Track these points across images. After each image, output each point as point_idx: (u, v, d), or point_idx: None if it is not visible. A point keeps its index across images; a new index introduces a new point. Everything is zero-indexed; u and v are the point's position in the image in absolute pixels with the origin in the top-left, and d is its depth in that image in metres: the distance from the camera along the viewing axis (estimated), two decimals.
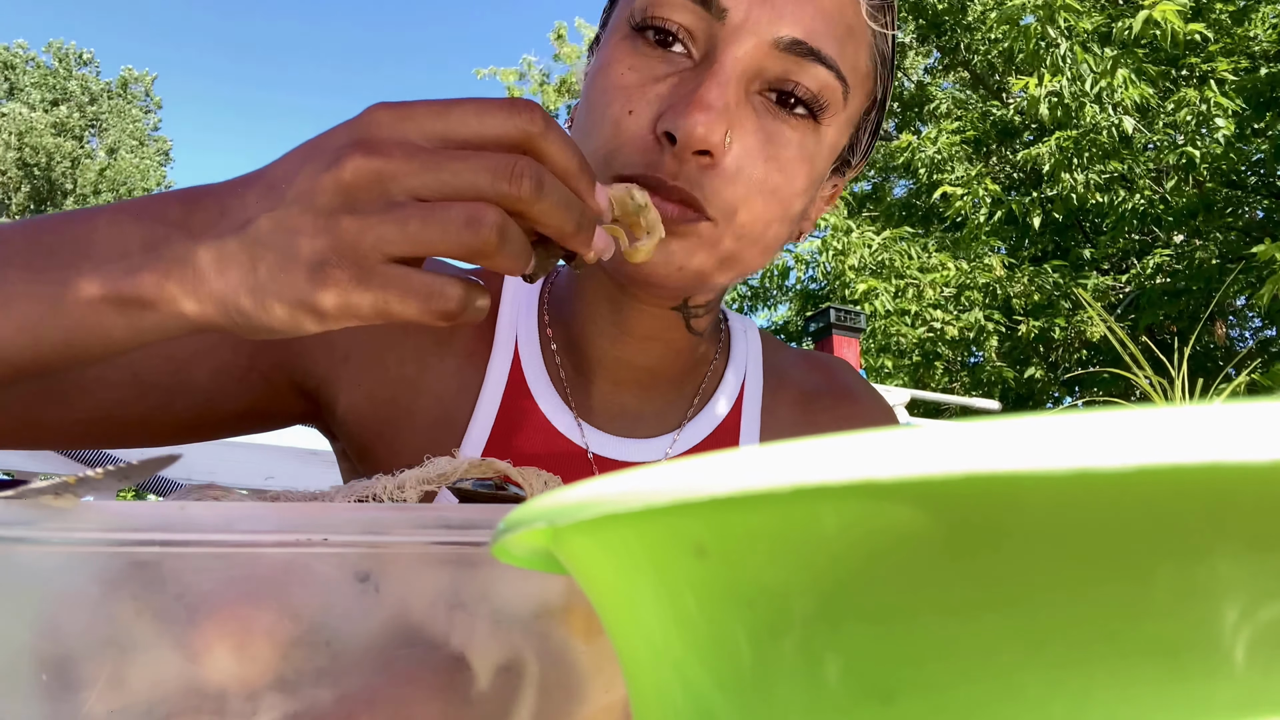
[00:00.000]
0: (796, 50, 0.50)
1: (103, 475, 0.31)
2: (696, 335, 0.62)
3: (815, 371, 0.72)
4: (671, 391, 0.64)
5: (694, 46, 0.51)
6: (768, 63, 0.50)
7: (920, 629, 0.14)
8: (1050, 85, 5.74)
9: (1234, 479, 0.11)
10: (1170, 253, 6.61)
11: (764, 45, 0.49)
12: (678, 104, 0.49)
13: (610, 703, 0.35)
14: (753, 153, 0.51)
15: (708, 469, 0.14)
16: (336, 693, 0.32)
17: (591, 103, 0.53)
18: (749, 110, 0.51)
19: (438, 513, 0.33)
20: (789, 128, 0.52)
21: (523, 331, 0.63)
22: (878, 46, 0.55)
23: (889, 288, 6.47)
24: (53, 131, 17.46)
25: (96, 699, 0.30)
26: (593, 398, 0.62)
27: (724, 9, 0.49)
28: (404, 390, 0.60)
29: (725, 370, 0.67)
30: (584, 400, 0.62)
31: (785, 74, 0.50)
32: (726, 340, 0.69)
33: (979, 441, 0.12)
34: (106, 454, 1.81)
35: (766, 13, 0.49)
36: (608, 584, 0.19)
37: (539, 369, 0.62)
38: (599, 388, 0.62)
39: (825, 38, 0.50)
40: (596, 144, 0.52)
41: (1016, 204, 6.67)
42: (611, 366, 0.62)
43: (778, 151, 0.51)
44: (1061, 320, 6.70)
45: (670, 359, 0.63)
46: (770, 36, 0.49)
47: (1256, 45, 6.15)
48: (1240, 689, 0.12)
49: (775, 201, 0.52)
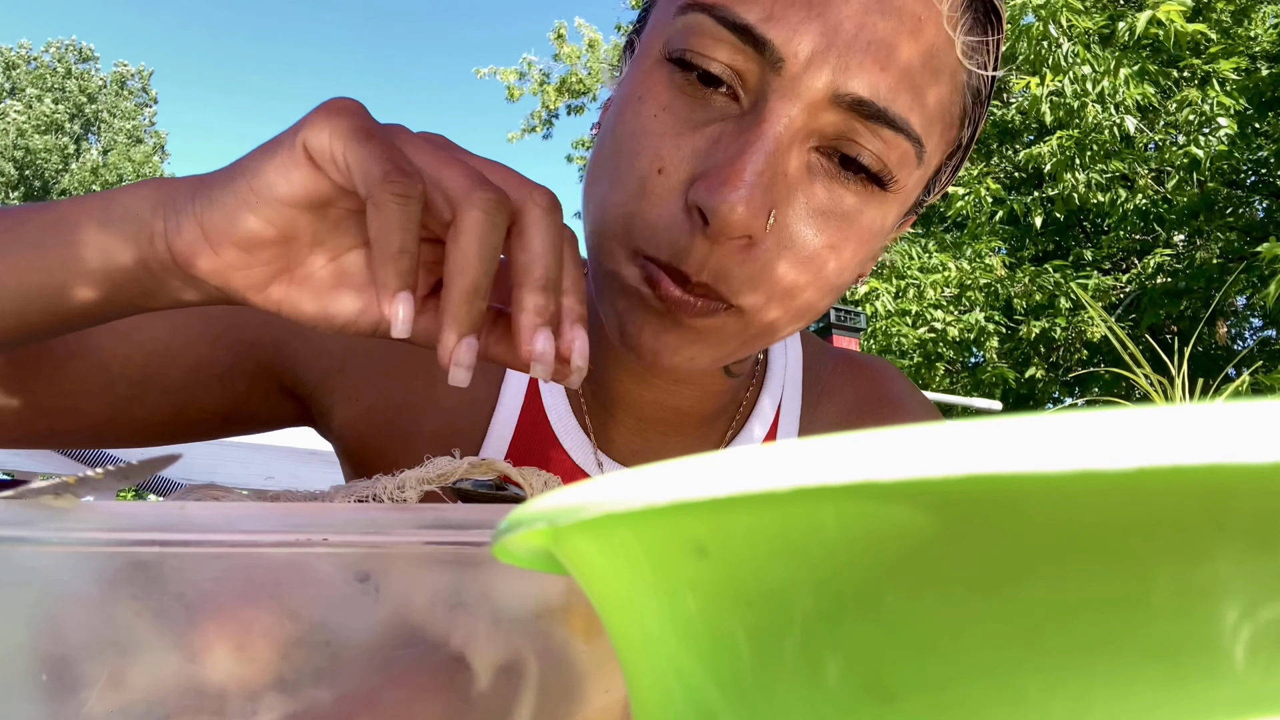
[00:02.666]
0: (862, 111, 0.41)
1: (103, 475, 0.31)
2: (733, 377, 0.56)
3: (859, 379, 0.65)
4: (702, 429, 0.58)
5: (743, 91, 0.42)
6: (827, 119, 0.42)
7: (920, 629, 0.14)
8: (1052, 84, 5.74)
9: (1234, 479, 0.11)
10: (1171, 253, 6.61)
11: (824, 103, 0.41)
12: (716, 172, 0.41)
13: (610, 703, 0.35)
14: (802, 228, 0.43)
15: (708, 469, 0.14)
16: (336, 693, 0.32)
17: (618, 144, 0.45)
18: (799, 180, 0.42)
19: (438, 513, 0.33)
20: (850, 194, 0.43)
21: None
22: (971, 86, 0.46)
23: (890, 288, 6.47)
24: (51, 130, 17.48)
25: (96, 699, 0.30)
26: (613, 431, 0.57)
27: (780, 59, 0.40)
28: (410, 407, 0.57)
29: (760, 397, 0.60)
30: (604, 433, 0.57)
31: (848, 134, 0.42)
32: (764, 361, 0.62)
33: (979, 442, 0.12)
34: (106, 454, 1.81)
35: (831, 63, 0.40)
36: (608, 584, 0.19)
37: (558, 396, 0.57)
38: (621, 423, 0.57)
39: (901, 92, 0.41)
40: (618, 199, 0.44)
41: (1018, 203, 6.67)
42: (637, 405, 0.56)
43: (832, 225, 0.43)
44: (1062, 320, 6.70)
45: (703, 401, 0.57)
46: (831, 92, 0.41)
47: (1257, 45, 6.15)
48: (1240, 689, 0.12)
49: (820, 279, 0.45)
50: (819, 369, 0.64)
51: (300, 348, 0.56)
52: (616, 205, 0.44)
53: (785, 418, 0.61)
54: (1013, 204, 6.68)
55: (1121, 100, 5.72)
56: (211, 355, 0.53)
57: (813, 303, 0.46)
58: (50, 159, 17.36)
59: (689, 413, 0.57)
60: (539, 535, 0.20)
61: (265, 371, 0.55)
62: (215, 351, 0.53)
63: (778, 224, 0.42)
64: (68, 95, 18.21)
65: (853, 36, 0.40)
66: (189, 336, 0.52)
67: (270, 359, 0.55)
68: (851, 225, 0.44)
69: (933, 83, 0.43)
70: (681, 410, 0.57)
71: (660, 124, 0.43)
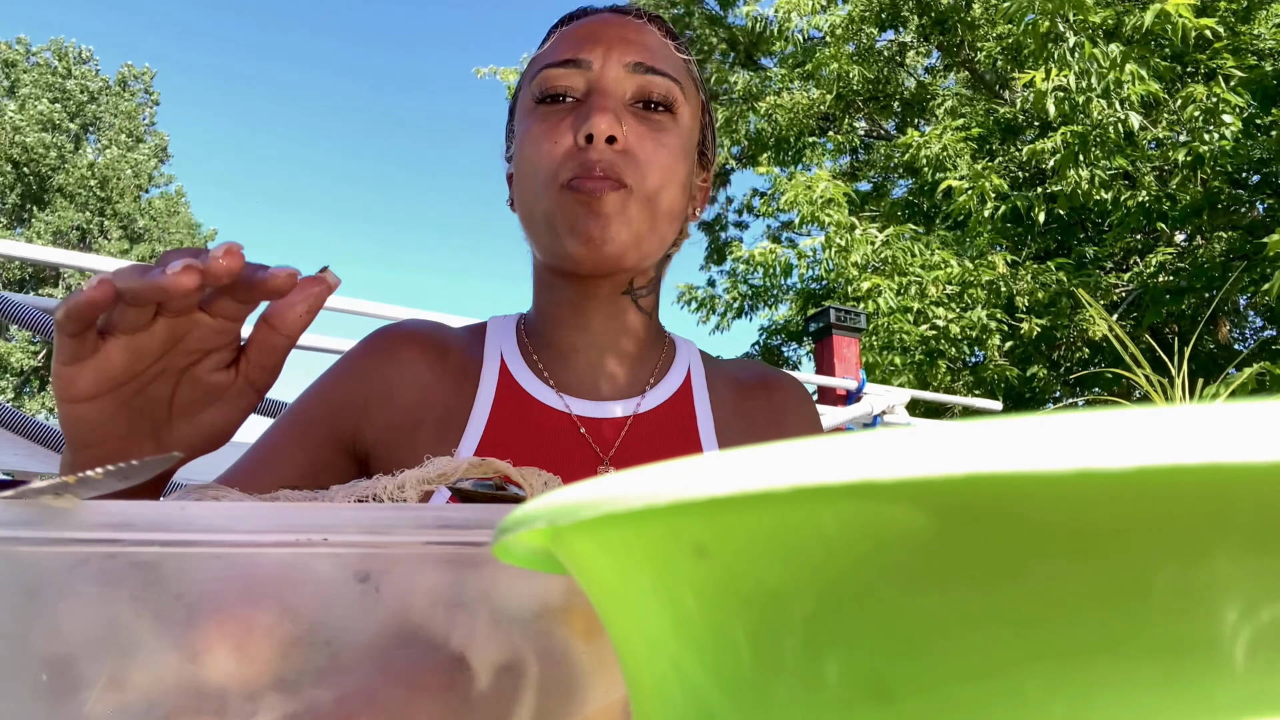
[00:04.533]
0: (642, 69, 0.74)
1: (103, 475, 0.31)
2: (645, 314, 0.81)
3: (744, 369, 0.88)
4: (633, 365, 0.81)
5: (578, 94, 0.74)
6: (627, 82, 0.73)
7: (920, 629, 0.14)
8: (1057, 80, 5.73)
9: (1234, 479, 0.11)
10: (1173, 251, 6.61)
11: (621, 71, 0.73)
12: (584, 119, 0.70)
13: (610, 703, 0.35)
14: (642, 136, 0.72)
15: (708, 469, 0.14)
16: (336, 693, 0.32)
17: (526, 153, 0.74)
18: (629, 114, 0.73)
19: (438, 513, 0.33)
20: (657, 120, 0.74)
21: (506, 347, 0.80)
22: (691, 70, 0.80)
23: (892, 285, 6.46)
24: (50, 129, 17.46)
25: (96, 699, 0.30)
26: (569, 376, 0.79)
27: (588, 61, 0.73)
28: (413, 407, 0.76)
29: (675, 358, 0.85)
30: (563, 380, 0.79)
31: (641, 87, 0.74)
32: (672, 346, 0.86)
33: (979, 441, 0.12)
34: None
35: (616, 53, 0.73)
36: (608, 584, 0.19)
37: (522, 366, 0.79)
38: (573, 369, 0.79)
39: (656, 58, 0.75)
40: (541, 168, 0.72)
41: (1020, 199, 6.66)
42: (583, 351, 0.79)
43: (655, 134, 0.73)
44: (1064, 319, 6.70)
45: (628, 337, 0.80)
46: (622, 65, 0.73)
47: (1262, 43, 6.14)
48: (1240, 689, 0.12)
49: (667, 168, 0.73)
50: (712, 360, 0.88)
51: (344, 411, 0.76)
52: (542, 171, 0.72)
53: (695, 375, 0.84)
54: (1015, 201, 6.67)
55: (1126, 96, 5.71)
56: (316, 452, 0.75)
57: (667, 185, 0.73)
58: (48, 155, 17.35)
59: (620, 348, 0.80)
60: (539, 535, 0.20)
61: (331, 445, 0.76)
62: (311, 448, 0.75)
63: (629, 135, 0.72)
64: (67, 95, 18.20)
65: (620, 40, 0.74)
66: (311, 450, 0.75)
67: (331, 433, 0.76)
68: (666, 131, 0.74)
69: (669, 57, 0.77)
70: (614, 348, 0.80)
71: (546, 129, 0.73)
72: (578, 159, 0.70)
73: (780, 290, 8.36)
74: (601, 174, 0.70)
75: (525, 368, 0.79)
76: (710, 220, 10.85)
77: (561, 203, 0.71)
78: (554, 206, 0.72)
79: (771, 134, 8.59)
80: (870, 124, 9.53)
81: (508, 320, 0.84)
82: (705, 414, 0.80)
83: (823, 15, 8.30)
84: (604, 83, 0.72)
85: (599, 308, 0.78)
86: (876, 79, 8.76)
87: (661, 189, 0.73)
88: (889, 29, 8.53)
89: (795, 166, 8.58)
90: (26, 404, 16.41)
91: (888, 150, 8.46)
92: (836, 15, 8.28)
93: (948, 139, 6.83)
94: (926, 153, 6.84)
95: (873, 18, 8.27)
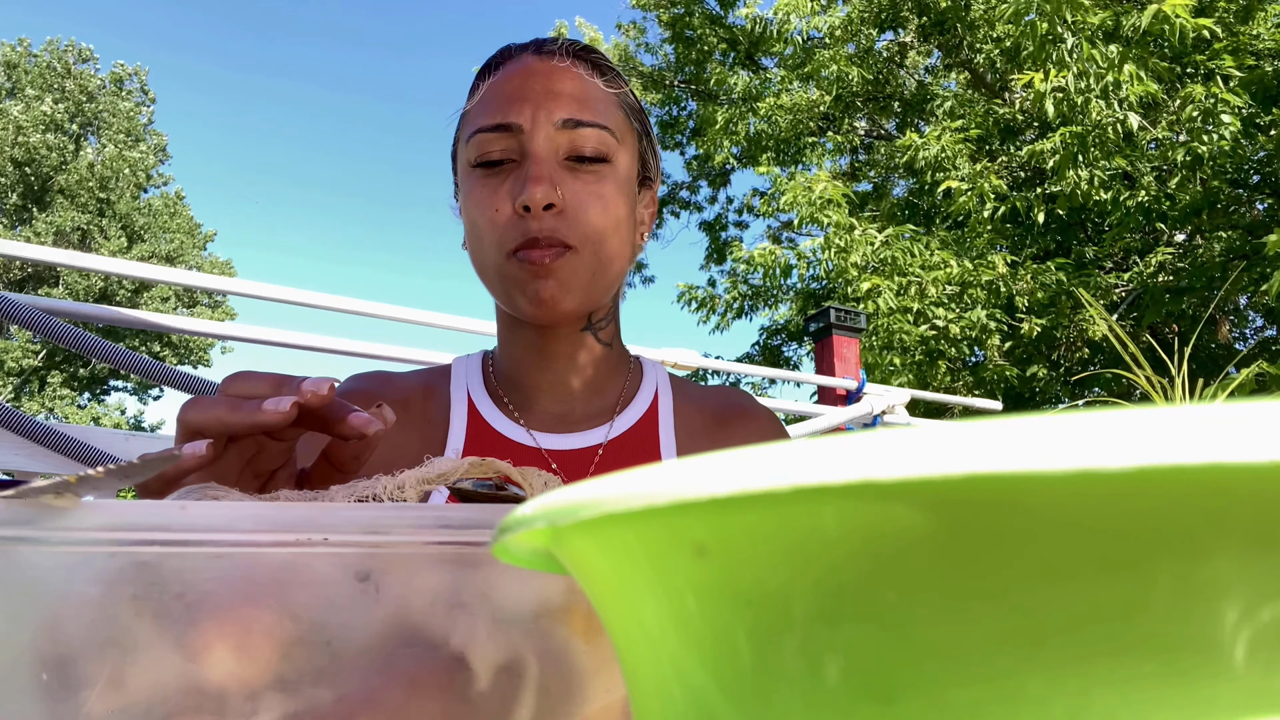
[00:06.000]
0: (571, 125, 0.75)
1: (103, 475, 0.31)
2: (606, 345, 0.83)
3: (718, 397, 0.90)
4: (599, 396, 0.83)
5: (514, 155, 0.75)
6: (559, 140, 0.74)
7: (920, 629, 0.14)
8: (1056, 80, 5.73)
9: (1234, 479, 0.11)
10: (1172, 251, 6.61)
11: (551, 131, 0.74)
12: (521, 188, 0.72)
13: (610, 703, 0.35)
14: (578, 194, 0.74)
15: (708, 469, 0.14)
16: (336, 693, 0.32)
17: (471, 215, 0.76)
18: (564, 173, 0.74)
19: (438, 513, 0.33)
20: (592, 172, 0.75)
21: (473, 387, 0.83)
22: (624, 101, 0.81)
23: (891, 285, 6.46)
24: (49, 129, 17.45)
25: (96, 699, 0.30)
26: (536, 412, 0.82)
27: (519, 125, 0.74)
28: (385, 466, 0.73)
29: (640, 384, 0.87)
30: (531, 416, 0.82)
31: (574, 143, 0.75)
32: (638, 369, 0.88)
33: (979, 442, 0.12)
34: (106, 454, 1.81)
35: (544, 113, 0.74)
36: (608, 584, 0.19)
37: (490, 405, 0.82)
38: (541, 405, 0.82)
39: (586, 111, 0.75)
40: (486, 235, 0.74)
41: (1020, 199, 6.66)
42: (548, 388, 0.82)
43: (593, 186, 0.75)
44: (1064, 319, 6.69)
45: (591, 369, 0.82)
46: (552, 124, 0.74)
47: (1260, 43, 6.14)
48: (1240, 689, 0.12)
49: (608, 219, 0.75)
50: (681, 385, 0.89)
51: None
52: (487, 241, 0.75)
53: (662, 400, 0.86)
54: (1015, 201, 6.67)
55: (1125, 96, 5.71)
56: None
57: (611, 234, 0.75)
58: (50, 156, 17.34)
59: (585, 380, 0.82)
60: (539, 535, 0.20)
61: None
62: None
63: (566, 197, 0.73)
64: (67, 95, 18.19)
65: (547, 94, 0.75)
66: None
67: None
68: (604, 180, 0.75)
69: (598, 100, 0.77)
70: (579, 381, 0.82)
71: (485, 195, 0.75)
72: (519, 228, 0.72)
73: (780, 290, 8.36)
74: (546, 243, 0.72)
75: (493, 406, 0.82)
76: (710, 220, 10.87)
77: (509, 270, 0.74)
78: (503, 273, 0.75)
79: (771, 136, 8.59)
80: (870, 124, 9.54)
81: (473, 359, 0.87)
82: (669, 436, 0.82)
83: (822, 16, 8.30)
84: (535, 146, 0.73)
85: (559, 347, 0.80)
86: (876, 79, 8.76)
87: (605, 239, 0.75)
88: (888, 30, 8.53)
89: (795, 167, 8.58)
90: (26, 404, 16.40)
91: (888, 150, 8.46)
92: (835, 16, 8.28)
93: (946, 140, 6.82)
94: (925, 155, 6.84)
95: (872, 19, 8.27)
